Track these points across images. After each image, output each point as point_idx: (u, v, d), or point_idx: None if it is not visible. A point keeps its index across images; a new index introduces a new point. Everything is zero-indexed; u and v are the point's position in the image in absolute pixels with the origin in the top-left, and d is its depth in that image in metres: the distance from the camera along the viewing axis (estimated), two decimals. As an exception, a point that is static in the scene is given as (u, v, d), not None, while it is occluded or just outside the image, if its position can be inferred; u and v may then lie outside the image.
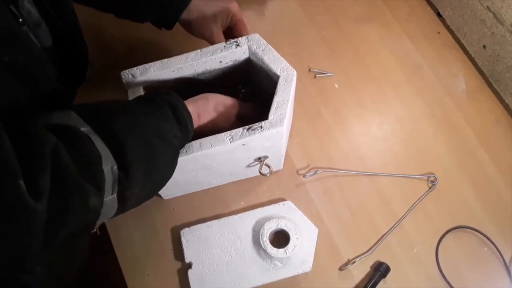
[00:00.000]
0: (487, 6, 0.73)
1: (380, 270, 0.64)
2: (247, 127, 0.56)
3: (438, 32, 0.84)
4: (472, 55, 0.81)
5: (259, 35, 0.61)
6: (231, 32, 0.68)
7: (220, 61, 0.62)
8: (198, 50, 0.61)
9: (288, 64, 0.59)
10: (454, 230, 0.67)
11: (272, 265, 0.64)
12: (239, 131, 0.55)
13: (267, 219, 0.65)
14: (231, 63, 0.63)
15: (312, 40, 0.83)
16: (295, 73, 0.59)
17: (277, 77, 0.59)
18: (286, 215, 0.67)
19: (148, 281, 0.65)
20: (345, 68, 0.80)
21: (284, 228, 0.64)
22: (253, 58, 0.62)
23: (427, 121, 0.76)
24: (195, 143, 0.55)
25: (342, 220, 0.68)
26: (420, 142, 0.74)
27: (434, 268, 0.65)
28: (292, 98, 0.60)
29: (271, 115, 0.56)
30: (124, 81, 0.60)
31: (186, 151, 0.54)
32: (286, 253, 0.63)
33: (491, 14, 0.73)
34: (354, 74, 0.80)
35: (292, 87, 0.58)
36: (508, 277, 0.64)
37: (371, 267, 0.65)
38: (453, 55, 0.82)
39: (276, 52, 0.60)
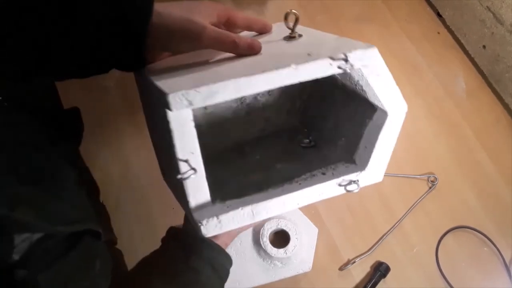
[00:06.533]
0: (487, 6, 0.73)
1: (380, 270, 0.64)
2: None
3: (438, 32, 0.84)
4: (472, 55, 0.81)
5: (377, 50, 0.37)
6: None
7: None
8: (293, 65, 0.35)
9: (401, 96, 0.41)
10: (454, 230, 0.67)
11: (272, 265, 0.64)
12: None
13: (267, 219, 0.65)
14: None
15: (312, 40, 0.83)
16: (406, 108, 0.42)
17: (383, 113, 0.42)
18: (286, 215, 0.67)
19: (148, 281, 0.65)
20: (345, 68, 0.80)
21: (284, 228, 0.64)
22: (347, 80, 0.44)
23: (427, 121, 0.76)
24: None
25: (342, 220, 0.68)
26: (420, 142, 0.74)
27: (434, 268, 0.65)
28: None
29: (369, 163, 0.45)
30: (172, 108, 0.33)
31: None
32: (286, 253, 0.63)
33: (491, 14, 0.73)
34: (354, 74, 0.80)
35: (399, 128, 0.44)
36: (508, 277, 0.64)
37: (371, 267, 0.65)
38: (453, 55, 0.82)
39: (391, 76, 0.39)
